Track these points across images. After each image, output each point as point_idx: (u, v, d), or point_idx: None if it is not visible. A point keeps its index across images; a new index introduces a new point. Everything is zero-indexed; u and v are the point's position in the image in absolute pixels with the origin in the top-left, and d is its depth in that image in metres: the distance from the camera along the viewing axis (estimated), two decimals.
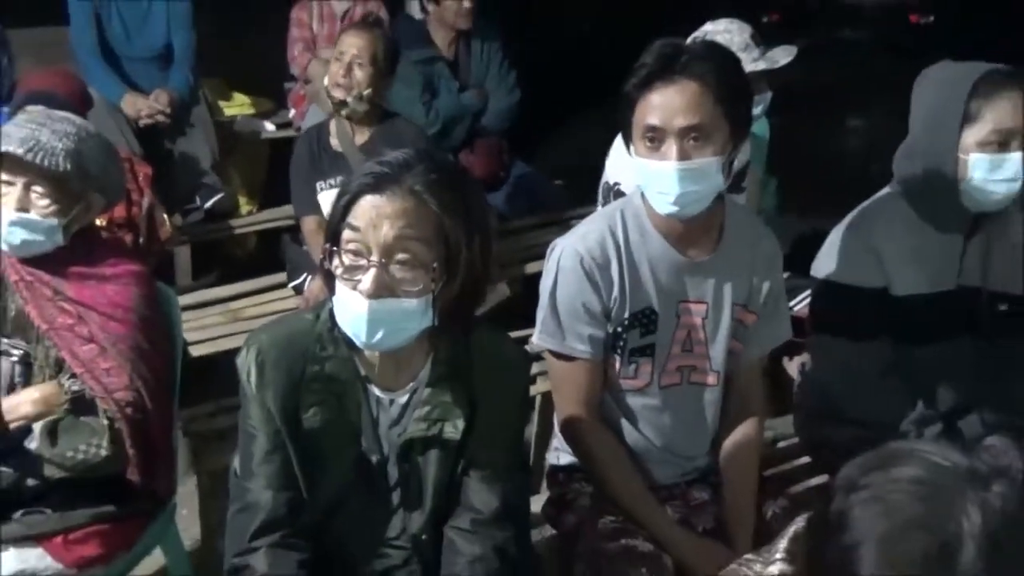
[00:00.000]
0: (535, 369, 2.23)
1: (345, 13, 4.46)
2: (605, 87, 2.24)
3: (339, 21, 4.40)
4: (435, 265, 1.49)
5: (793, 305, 2.66)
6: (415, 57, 3.93)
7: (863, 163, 4.91)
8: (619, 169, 2.76)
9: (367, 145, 3.22)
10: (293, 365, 1.59)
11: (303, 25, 4.50)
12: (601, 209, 2.49)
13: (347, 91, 3.19)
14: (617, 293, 1.92)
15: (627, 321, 1.94)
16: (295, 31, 4.49)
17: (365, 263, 1.48)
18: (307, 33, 4.49)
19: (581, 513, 2.02)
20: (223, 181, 4.06)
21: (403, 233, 1.47)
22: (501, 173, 4.18)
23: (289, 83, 4.65)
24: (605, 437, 1.99)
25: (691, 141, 1.81)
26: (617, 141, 2.68)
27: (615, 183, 2.80)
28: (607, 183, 2.86)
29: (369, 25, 3.39)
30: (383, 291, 1.47)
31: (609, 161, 2.88)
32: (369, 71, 3.20)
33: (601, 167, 2.90)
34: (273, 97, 4.76)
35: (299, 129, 4.13)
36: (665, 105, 1.80)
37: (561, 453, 2.13)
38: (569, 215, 3.92)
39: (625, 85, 1.85)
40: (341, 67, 3.20)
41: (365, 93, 3.20)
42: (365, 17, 3.69)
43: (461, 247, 1.51)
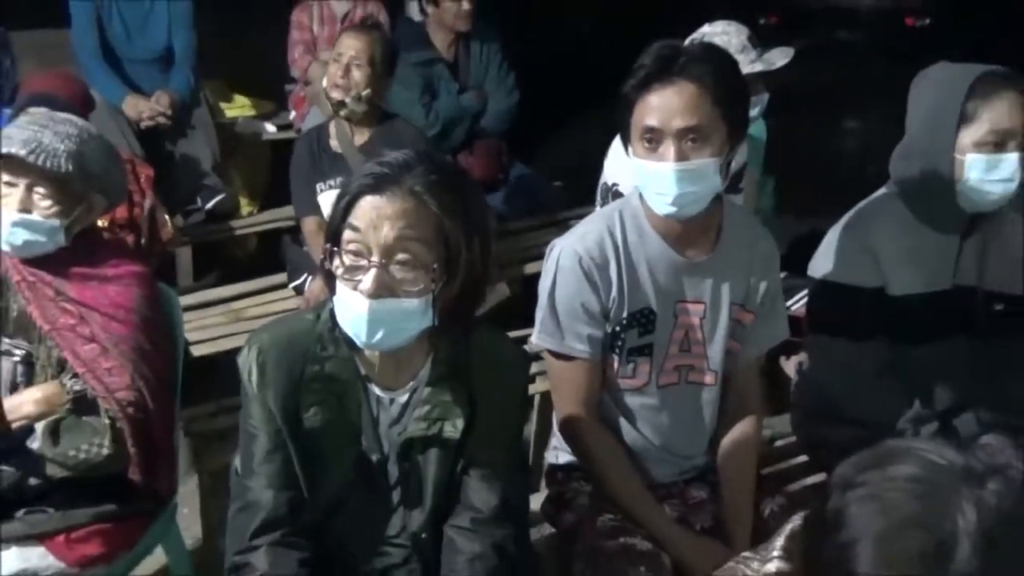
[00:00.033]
0: (534, 369, 2.23)
1: (345, 15, 4.46)
2: (604, 89, 2.24)
3: (339, 23, 4.40)
4: (435, 265, 1.50)
5: (790, 305, 2.66)
6: (415, 59, 3.93)
7: (859, 164, 4.90)
8: (617, 170, 2.76)
9: (366, 146, 3.23)
10: (294, 365, 1.60)
11: (303, 27, 4.50)
12: (599, 210, 2.49)
13: (345, 92, 3.20)
14: (615, 293, 1.93)
15: (625, 321, 1.95)
16: (295, 33, 4.50)
17: (365, 263, 1.49)
18: (307, 35, 4.50)
19: (580, 512, 2.03)
20: (224, 182, 4.06)
21: (403, 234, 1.48)
22: (500, 174, 4.18)
23: (290, 85, 4.66)
24: (604, 436, 2.00)
25: (689, 142, 1.82)
26: (615, 142, 2.69)
27: (613, 184, 2.80)
28: (605, 184, 2.87)
29: (367, 27, 3.41)
30: (383, 291, 1.48)
31: (607, 162, 2.88)
32: (367, 72, 3.21)
33: (599, 168, 2.90)
34: (274, 99, 4.76)
35: (299, 131, 4.12)
36: (663, 106, 1.81)
37: (560, 452, 2.14)
38: (568, 216, 3.92)
39: (623, 86, 1.86)
40: (339, 68, 3.21)
41: (363, 94, 3.21)
42: (364, 19, 3.70)
43: (461, 248, 1.51)
